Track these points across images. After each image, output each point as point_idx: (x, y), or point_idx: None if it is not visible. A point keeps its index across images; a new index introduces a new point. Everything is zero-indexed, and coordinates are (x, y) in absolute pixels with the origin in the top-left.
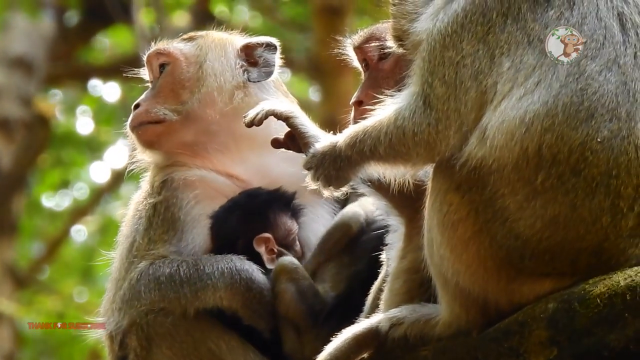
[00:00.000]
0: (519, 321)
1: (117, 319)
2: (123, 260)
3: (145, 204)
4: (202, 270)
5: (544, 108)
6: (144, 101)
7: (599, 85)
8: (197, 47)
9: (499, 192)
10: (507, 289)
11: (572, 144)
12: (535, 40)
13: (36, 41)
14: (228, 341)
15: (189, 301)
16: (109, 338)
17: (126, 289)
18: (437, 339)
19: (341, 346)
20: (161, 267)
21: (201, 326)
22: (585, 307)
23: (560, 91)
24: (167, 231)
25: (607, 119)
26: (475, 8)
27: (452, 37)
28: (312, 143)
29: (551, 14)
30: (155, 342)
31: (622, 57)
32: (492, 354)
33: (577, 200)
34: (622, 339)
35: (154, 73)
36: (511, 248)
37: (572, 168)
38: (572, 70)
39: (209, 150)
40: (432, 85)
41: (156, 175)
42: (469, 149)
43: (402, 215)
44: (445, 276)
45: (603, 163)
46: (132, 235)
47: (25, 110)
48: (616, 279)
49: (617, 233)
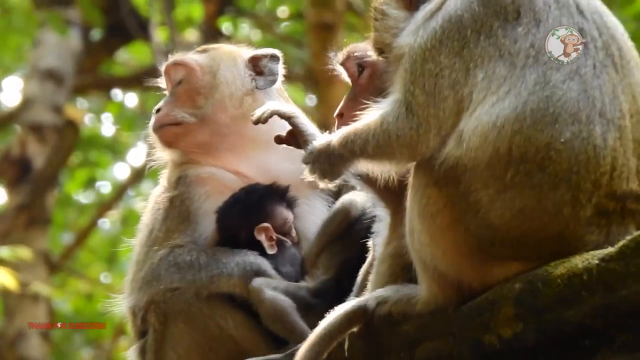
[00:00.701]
0: (490, 300)
1: (138, 297)
2: (143, 246)
3: (163, 198)
4: (219, 260)
5: (513, 113)
6: (164, 106)
7: (563, 93)
8: (210, 58)
9: (472, 186)
10: (479, 272)
11: (539, 145)
12: (506, 54)
13: (65, 56)
14: (235, 318)
15: (205, 285)
16: (131, 314)
17: (147, 271)
18: (417, 315)
19: (334, 322)
20: (181, 255)
21: (211, 304)
22: (548, 286)
23: (528, 98)
24: (182, 222)
25: (570, 122)
26: (451, 26)
27: (432, 51)
28: (310, 141)
29: (519, 30)
30: (171, 318)
31: (582, 68)
32: (466, 328)
33: (542, 194)
34: (579, 314)
35: (171, 81)
36: (483, 236)
37: (538, 165)
38: (539, 79)
39: (219, 149)
40: (413, 94)
41: (173, 172)
42: (447, 149)
43: (388, 206)
44: (424, 260)
45: (565, 161)
46: (152, 225)
47: (56, 117)
48: (575, 262)
49: (577, 222)
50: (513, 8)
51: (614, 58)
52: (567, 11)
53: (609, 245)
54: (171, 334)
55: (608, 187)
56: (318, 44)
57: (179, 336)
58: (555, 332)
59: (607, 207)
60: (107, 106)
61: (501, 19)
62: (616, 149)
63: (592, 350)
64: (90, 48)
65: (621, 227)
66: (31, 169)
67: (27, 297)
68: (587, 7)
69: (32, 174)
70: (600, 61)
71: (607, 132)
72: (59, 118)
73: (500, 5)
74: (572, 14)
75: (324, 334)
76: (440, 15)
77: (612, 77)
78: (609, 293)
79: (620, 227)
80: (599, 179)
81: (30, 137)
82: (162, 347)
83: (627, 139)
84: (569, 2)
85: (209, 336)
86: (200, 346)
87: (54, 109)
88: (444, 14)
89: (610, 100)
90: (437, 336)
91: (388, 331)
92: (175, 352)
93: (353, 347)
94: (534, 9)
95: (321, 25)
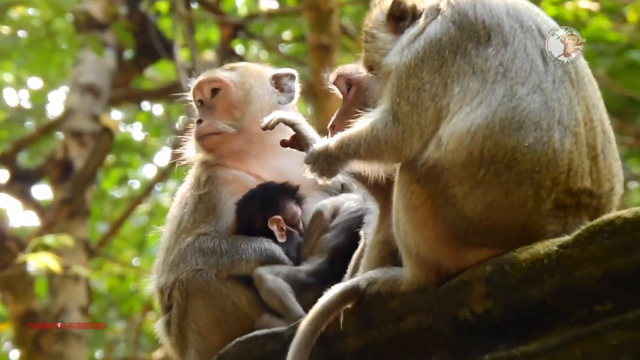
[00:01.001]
0: (464, 280)
1: (166, 277)
2: (172, 234)
3: (191, 194)
4: (238, 246)
5: (485, 121)
6: (205, 118)
7: (527, 104)
8: (241, 76)
9: (449, 183)
10: (455, 256)
11: (506, 148)
12: (479, 71)
13: (102, 72)
14: (247, 297)
15: (226, 269)
16: (159, 292)
17: (175, 255)
18: (402, 294)
19: (331, 299)
20: (205, 242)
21: (228, 284)
22: (514, 269)
23: (497, 108)
24: (208, 215)
25: (533, 129)
26: (432, 47)
27: (415, 69)
28: (310, 144)
29: (490, 51)
30: (192, 295)
31: (544, 83)
32: (443, 305)
33: (509, 190)
34: (541, 293)
35: (205, 95)
36: (458, 225)
37: (506, 166)
38: (507, 92)
39: (246, 155)
40: (399, 105)
41: (203, 172)
42: (428, 152)
43: (377, 200)
44: (408, 247)
45: (529, 162)
46: (180, 217)
47: (94, 125)
48: (537, 248)
49: (538, 214)
50: (484, 32)
51: (571, 75)
52: (530, 34)
53: (566, 234)
54: (192, 309)
55: (565, 185)
56: (317, 62)
57: (198, 311)
58: (520, 308)
59: (565, 201)
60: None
61: (474, 41)
62: (572, 152)
63: (552, 324)
64: (123, 66)
65: (576, 218)
66: (72, 169)
67: (68, 278)
68: (547, 30)
69: (74, 174)
70: (559, 77)
71: (565, 137)
72: (96, 125)
73: (473, 30)
74: (534, 37)
75: (322, 310)
76: (422, 38)
77: (568, 91)
78: (566, 275)
79: (575, 219)
80: (558, 177)
81: (71, 141)
82: (184, 320)
83: (581, 143)
84: (531, 27)
85: (224, 311)
86: (217, 320)
87: (92, 117)
88: (425, 37)
89: (568, 111)
90: (419, 311)
91: (377, 307)
92: (195, 324)
93: (347, 321)
94: (502, 32)
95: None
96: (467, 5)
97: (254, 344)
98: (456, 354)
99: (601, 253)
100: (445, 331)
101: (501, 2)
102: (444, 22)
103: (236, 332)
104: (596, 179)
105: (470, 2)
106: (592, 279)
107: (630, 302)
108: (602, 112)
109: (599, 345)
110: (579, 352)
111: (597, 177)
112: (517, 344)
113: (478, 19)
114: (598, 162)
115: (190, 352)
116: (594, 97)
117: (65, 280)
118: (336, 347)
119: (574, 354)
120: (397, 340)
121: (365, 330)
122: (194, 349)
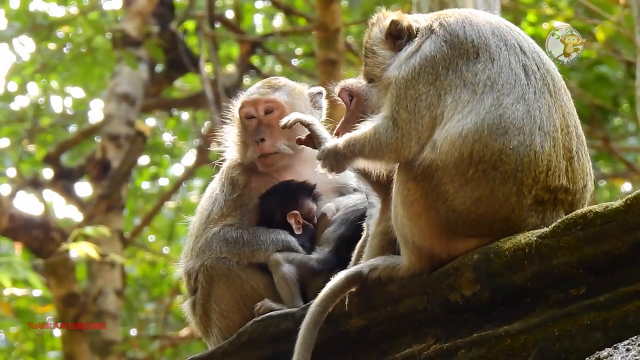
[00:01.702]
0: (454, 267)
1: (194, 262)
2: (201, 224)
3: (223, 192)
4: (259, 237)
5: (474, 127)
6: (267, 137)
7: (512, 112)
8: (290, 96)
9: (442, 181)
10: (446, 246)
11: (493, 150)
12: (469, 84)
13: (136, 83)
14: (264, 282)
15: (247, 257)
16: (186, 276)
17: (202, 243)
18: (400, 279)
19: (337, 283)
20: (229, 232)
21: (247, 271)
22: (498, 257)
23: (485, 116)
24: (236, 210)
25: (516, 134)
26: (427, 63)
27: (412, 81)
28: (322, 142)
29: (478, 66)
30: (215, 280)
31: (527, 94)
32: (436, 288)
33: (495, 187)
34: (522, 278)
35: (259, 112)
36: (450, 218)
37: (492, 166)
38: (494, 102)
39: (285, 168)
40: (398, 112)
41: (241, 175)
42: (424, 154)
43: (379, 195)
44: (405, 237)
45: (513, 163)
46: (210, 209)
47: (129, 129)
48: (519, 239)
49: (520, 209)
50: (473, 50)
51: (549, 86)
52: (514, 52)
53: (544, 225)
54: (215, 292)
55: (544, 183)
56: (325, 75)
57: (220, 294)
58: (504, 291)
59: (543, 197)
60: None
61: (464, 58)
62: (551, 154)
63: (532, 306)
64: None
65: (553, 212)
66: (110, 168)
67: (105, 264)
68: (528, 48)
69: (111, 172)
70: (539, 89)
71: (545, 141)
72: (131, 130)
73: (463, 48)
74: (517, 54)
75: (330, 293)
76: (418, 54)
77: (548, 101)
78: (545, 262)
79: (553, 212)
80: (538, 176)
81: (109, 144)
82: (208, 301)
83: (559, 146)
84: (514, 45)
85: (243, 295)
86: (237, 302)
87: (127, 123)
88: (420, 54)
89: (547, 118)
90: (414, 295)
91: (378, 291)
92: (218, 305)
93: (351, 303)
94: (489, 50)
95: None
96: (457, 26)
97: (269, 323)
98: (447, 333)
99: (575, 243)
100: (438, 312)
101: (487, 23)
102: (437, 41)
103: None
104: (571, 178)
105: (460, 23)
106: (567, 266)
107: (601, 287)
108: (576, 119)
109: (574, 325)
110: (556, 331)
111: (572, 175)
112: (502, 324)
113: (467, 39)
114: (573, 163)
115: (213, 330)
116: (569, 106)
117: (102, 266)
118: (342, 326)
119: (552, 333)
120: (395, 320)
121: (367, 311)
122: (217, 328)
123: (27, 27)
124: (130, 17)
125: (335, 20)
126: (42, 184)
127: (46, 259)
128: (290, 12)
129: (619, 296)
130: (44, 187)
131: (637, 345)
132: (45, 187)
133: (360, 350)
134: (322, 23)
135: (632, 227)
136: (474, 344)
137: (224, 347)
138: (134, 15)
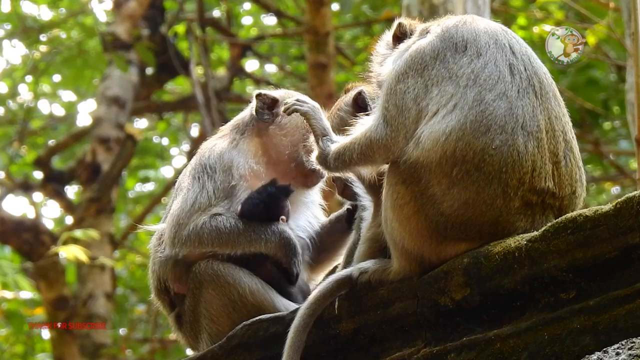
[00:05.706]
0: (444, 270)
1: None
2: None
3: (217, 176)
4: (257, 227)
5: (458, 124)
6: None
7: (493, 109)
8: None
9: (429, 183)
10: (436, 249)
11: (475, 149)
12: (454, 76)
13: (126, 86)
14: (250, 287)
15: (242, 247)
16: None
17: (190, 231)
18: (390, 282)
19: (326, 287)
20: (222, 222)
21: (234, 275)
22: (488, 261)
23: (468, 112)
24: (224, 199)
25: (499, 132)
26: (417, 54)
27: (402, 75)
28: (319, 138)
29: (465, 60)
30: (204, 285)
31: (509, 91)
32: (426, 292)
33: (480, 188)
34: (512, 282)
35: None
36: (439, 222)
37: (476, 166)
38: (476, 97)
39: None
40: (387, 109)
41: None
42: (408, 150)
43: (372, 198)
44: (395, 241)
45: (496, 163)
46: (197, 194)
47: (119, 132)
48: (509, 242)
49: (508, 211)
50: (462, 44)
51: (535, 87)
52: (502, 50)
53: (534, 230)
54: (204, 297)
55: (530, 184)
56: (315, 78)
57: (210, 299)
58: (494, 295)
59: (531, 200)
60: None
61: (452, 50)
62: (535, 155)
63: (523, 310)
64: (145, 81)
65: (543, 216)
66: (100, 171)
67: (95, 267)
68: (518, 49)
69: (101, 175)
70: (524, 88)
71: (528, 141)
72: (121, 133)
73: (453, 41)
74: (505, 53)
75: (319, 296)
76: (411, 49)
77: (532, 101)
78: (535, 266)
79: (542, 217)
80: (523, 177)
81: (99, 147)
82: (197, 307)
83: (544, 148)
84: (504, 44)
85: (231, 299)
86: (225, 307)
87: (117, 126)
88: (413, 48)
89: (530, 118)
90: (405, 298)
91: (368, 294)
92: (207, 310)
93: (341, 306)
94: (477, 45)
95: (317, 64)
96: (452, 26)
97: (259, 327)
98: (438, 336)
99: (565, 247)
100: (428, 316)
101: (482, 25)
102: (430, 37)
103: (243, 316)
104: (558, 182)
105: (456, 23)
106: (557, 270)
107: (591, 291)
108: (566, 125)
109: (564, 329)
110: (546, 334)
111: (558, 180)
112: (492, 328)
113: (458, 34)
114: (560, 168)
115: (203, 336)
116: (557, 111)
117: (92, 269)
118: (331, 330)
119: (542, 336)
120: (385, 324)
121: (357, 314)
122: (207, 333)
123: (18, 29)
124: (121, 20)
125: (326, 24)
126: (32, 186)
127: (36, 262)
128: (280, 16)
129: (609, 300)
130: (34, 189)
131: (627, 349)
132: (35, 190)
133: (350, 353)
134: (313, 27)
135: (622, 231)
136: (464, 347)
137: (214, 351)
138: (125, 18)
